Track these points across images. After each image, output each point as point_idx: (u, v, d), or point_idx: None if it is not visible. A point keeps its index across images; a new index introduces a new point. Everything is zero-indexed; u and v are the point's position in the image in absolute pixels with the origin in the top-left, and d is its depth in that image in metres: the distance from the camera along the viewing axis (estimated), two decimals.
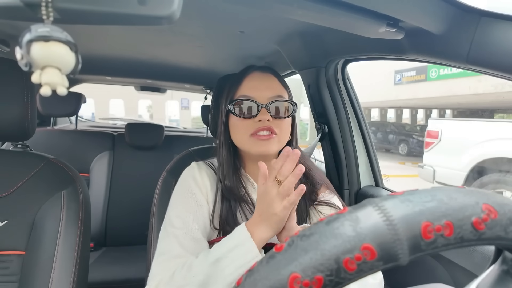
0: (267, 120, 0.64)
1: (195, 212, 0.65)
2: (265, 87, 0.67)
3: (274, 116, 0.66)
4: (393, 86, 10.11)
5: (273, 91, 0.67)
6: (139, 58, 1.44)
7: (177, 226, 0.63)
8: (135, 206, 1.71)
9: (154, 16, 0.26)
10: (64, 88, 0.25)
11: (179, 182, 0.71)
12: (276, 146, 0.66)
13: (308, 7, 0.52)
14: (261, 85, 0.67)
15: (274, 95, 0.67)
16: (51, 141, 1.73)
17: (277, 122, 0.66)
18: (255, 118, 0.65)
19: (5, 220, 0.70)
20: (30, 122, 0.74)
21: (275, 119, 0.66)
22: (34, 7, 0.24)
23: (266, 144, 0.65)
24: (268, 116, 0.65)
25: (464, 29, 0.55)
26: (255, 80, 0.68)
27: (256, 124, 0.65)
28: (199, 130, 2.99)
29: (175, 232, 0.62)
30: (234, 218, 0.66)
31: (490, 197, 0.22)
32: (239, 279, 0.22)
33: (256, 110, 0.65)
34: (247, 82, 0.68)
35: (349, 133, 1.11)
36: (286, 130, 0.68)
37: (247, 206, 0.68)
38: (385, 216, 0.21)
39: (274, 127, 0.65)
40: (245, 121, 0.66)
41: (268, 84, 0.68)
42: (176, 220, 0.64)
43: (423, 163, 4.60)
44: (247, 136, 0.66)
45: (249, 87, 0.67)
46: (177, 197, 0.68)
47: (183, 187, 0.69)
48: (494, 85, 6.60)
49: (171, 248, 0.60)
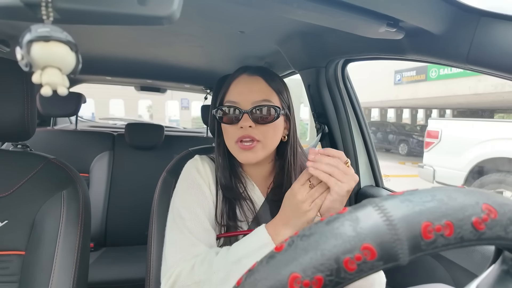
0: (249, 127, 0.63)
1: (202, 203, 0.65)
2: (249, 91, 0.65)
3: (256, 122, 0.64)
4: (393, 86, 10.11)
5: (258, 95, 0.65)
6: (139, 58, 1.44)
7: (187, 218, 0.63)
8: (135, 206, 1.71)
9: (154, 16, 0.26)
10: (64, 88, 0.25)
11: (183, 174, 0.71)
12: (260, 153, 0.65)
13: (308, 7, 0.52)
14: (246, 89, 0.66)
15: (259, 99, 0.64)
16: (51, 141, 1.73)
17: (260, 128, 0.64)
18: (237, 125, 0.64)
19: (5, 220, 0.70)
20: (30, 122, 0.74)
21: (259, 124, 0.64)
22: (34, 7, 0.24)
23: (249, 154, 0.65)
24: (250, 122, 0.63)
25: (464, 29, 0.55)
26: (241, 84, 0.67)
27: (239, 131, 0.64)
28: (199, 130, 2.99)
29: (185, 224, 0.62)
30: (234, 215, 0.67)
31: (490, 197, 0.22)
32: (239, 279, 0.22)
33: (238, 116, 0.64)
34: (234, 86, 0.67)
35: (349, 133, 1.11)
36: (271, 136, 0.66)
37: (246, 203, 0.69)
38: (385, 216, 0.21)
39: (257, 133, 0.64)
40: (229, 127, 0.66)
41: (253, 88, 0.66)
42: (185, 212, 0.64)
43: (423, 163, 4.60)
44: (233, 142, 0.66)
45: (235, 91, 0.66)
46: (183, 188, 0.68)
47: (188, 179, 0.69)
48: (494, 85, 6.60)
49: (184, 238, 0.61)
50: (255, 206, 0.69)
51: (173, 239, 0.62)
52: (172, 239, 0.62)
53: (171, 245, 0.61)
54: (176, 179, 0.72)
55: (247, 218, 0.67)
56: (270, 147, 0.67)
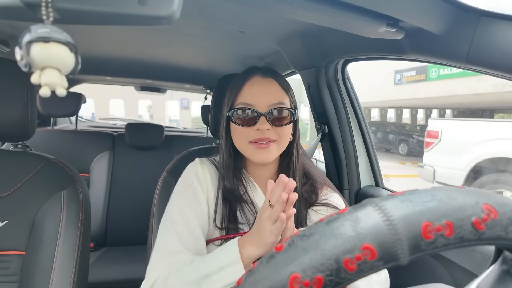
0: (266, 129, 0.64)
1: (195, 209, 0.65)
2: (265, 93, 0.66)
3: (273, 124, 0.65)
4: (393, 86, 10.10)
5: (274, 97, 0.66)
6: (139, 58, 1.44)
7: (178, 222, 0.63)
8: (135, 206, 1.71)
9: (154, 16, 0.26)
10: (63, 89, 0.25)
11: (182, 177, 0.71)
12: (275, 153, 0.67)
13: (308, 7, 0.52)
14: (261, 91, 0.66)
15: (275, 102, 0.66)
16: (51, 141, 1.73)
17: (276, 129, 0.66)
18: (254, 127, 0.65)
19: (5, 220, 0.70)
20: (30, 122, 0.74)
21: (275, 127, 0.65)
22: (34, 7, 0.24)
23: (264, 153, 0.65)
24: (267, 125, 0.64)
25: (464, 29, 0.55)
26: (256, 86, 0.67)
27: (255, 133, 0.65)
28: (199, 130, 2.99)
29: (175, 228, 0.62)
30: (234, 218, 0.67)
31: (490, 197, 0.22)
32: (239, 279, 0.22)
33: (255, 119, 0.65)
34: (248, 88, 0.67)
35: (349, 133, 1.11)
36: (286, 136, 0.68)
37: (248, 205, 0.68)
38: (385, 216, 0.21)
39: (273, 134, 0.65)
40: (244, 129, 0.66)
41: (268, 90, 0.67)
42: (177, 216, 0.64)
43: (423, 163, 4.60)
44: (247, 143, 0.66)
45: (250, 93, 0.67)
46: (179, 192, 0.69)
47: (185, 183, 0.69)
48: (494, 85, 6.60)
49: (171, 243, 0.61)
50: (256, 208, 0.69)
51: (160, 242, 0.62)
52: (160, 242, 0.62)
53: (157, 248, 0.62)
54: (176, 179, 0.72)
55: (248, 220, 0.67)
56: (283, 147, 0.68)
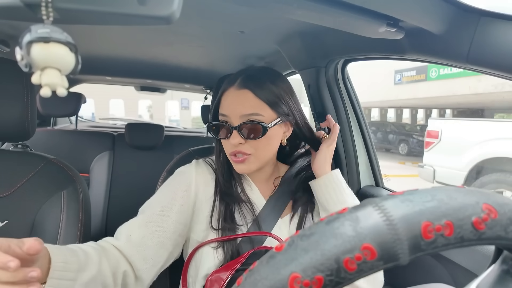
0: (239, 144, 0.63)
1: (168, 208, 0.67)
2: (237, 104, 0.64)
3: (248, 137, 0.63)
4: (393, 86, 10.11)
5: (247, 108, 0.63)
6: (139, 58, 1.44)
7: (145, 211, 0.68)
8: (135, 206, 1.70)
9: (154, 16, 0.26)
10: (64, 89, 0.25)
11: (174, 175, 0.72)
12: (253, 165, 0.66)
13: (308, 7, 0.52)
14: (234, 103, 0.65)
15: (247, 113, 0.63)
16: (51, 141, 1.73)
17: (251, 142, 0.64)
18: (229, 140, 0.64)
19: (5, 220, 0.70)
20: (30, 122, 0.74)
21: (249, 140, 0.64)
22: (34, 7, 0.24)
23: (242, 165, 0.66)
24: (239, 139, 0.63)
25: (464, 29, 0.55)
26: (229, 98, 0.66)
27: (231, 146, 0.65)
28: (199, 130, 2.99)
29: (142, 212, 0.68)
30: (231, 217, 0.67)
31: (490, 197, 0.22)
32: (239, 279, 0.22)
33: (229, 132, 0.64)
34: (224, 99, 0.67)
35: (349, 133, 1.11)
36: (263, 148, 0.65)
37: (245, 205, 0.68)
38: (385, 216, 0.21)
39: (248, 148, 0.64)
40: (222, 141, 0.67)
41: (241, 101, 0.64)
42: (146, 205, 0.69)
43: (423, 163, 4.59)
44: (228, 154, 0.67)
45: (225, 105, 0.66)
46: (166, 184, 0.71)
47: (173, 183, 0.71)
48: (494, 85, 6.60)
49: (130, 223, 0.67)
50: (254, 206, 0.69)
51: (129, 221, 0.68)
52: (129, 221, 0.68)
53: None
54: None
55: (246, 221, 0.67)
56: (263, 158, 0.67)
